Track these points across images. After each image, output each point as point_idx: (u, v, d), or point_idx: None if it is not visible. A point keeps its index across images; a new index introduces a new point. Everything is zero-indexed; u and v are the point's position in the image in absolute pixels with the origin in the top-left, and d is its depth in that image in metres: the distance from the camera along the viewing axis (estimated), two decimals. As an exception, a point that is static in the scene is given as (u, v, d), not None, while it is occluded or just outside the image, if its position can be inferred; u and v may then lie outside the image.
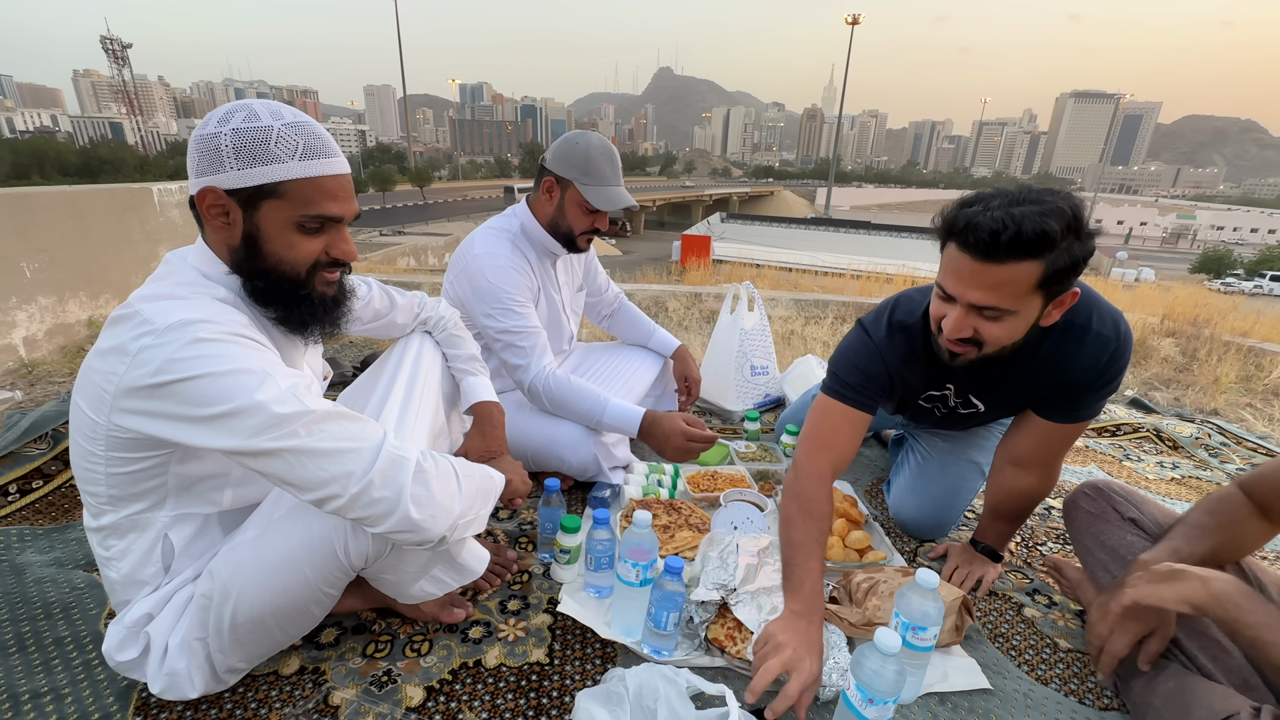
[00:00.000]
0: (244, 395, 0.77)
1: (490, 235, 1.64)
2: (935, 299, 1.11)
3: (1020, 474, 1.31)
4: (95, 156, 44.52)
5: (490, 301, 1.57)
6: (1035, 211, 0.95)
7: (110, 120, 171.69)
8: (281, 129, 0.83)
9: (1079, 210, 0.98)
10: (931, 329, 1.15)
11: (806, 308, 4.88)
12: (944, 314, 1.08)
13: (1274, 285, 28.84)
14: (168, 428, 0.79)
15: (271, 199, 0.84)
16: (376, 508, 0.83)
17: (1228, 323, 4.74)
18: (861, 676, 0.90)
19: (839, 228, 30.78)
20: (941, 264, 1.07)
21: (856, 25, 37.73)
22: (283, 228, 0.86)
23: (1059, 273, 0.98)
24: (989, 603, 1.37)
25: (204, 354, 0.77)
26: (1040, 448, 1.28)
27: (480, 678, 1.09)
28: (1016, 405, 1.32)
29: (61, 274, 2.81)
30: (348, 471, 0.81)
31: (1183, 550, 1.02)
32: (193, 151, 0.84)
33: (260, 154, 0.82)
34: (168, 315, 0.78)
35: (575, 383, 1.62)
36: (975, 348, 1.08)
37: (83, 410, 0.84)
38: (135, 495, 0.88)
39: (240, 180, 0.82)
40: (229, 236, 0.86)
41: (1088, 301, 1.14)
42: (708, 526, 1.50)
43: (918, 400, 1.38)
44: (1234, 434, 2.47)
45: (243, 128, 0.82)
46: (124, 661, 0.93)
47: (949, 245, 1.03)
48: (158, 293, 0.83)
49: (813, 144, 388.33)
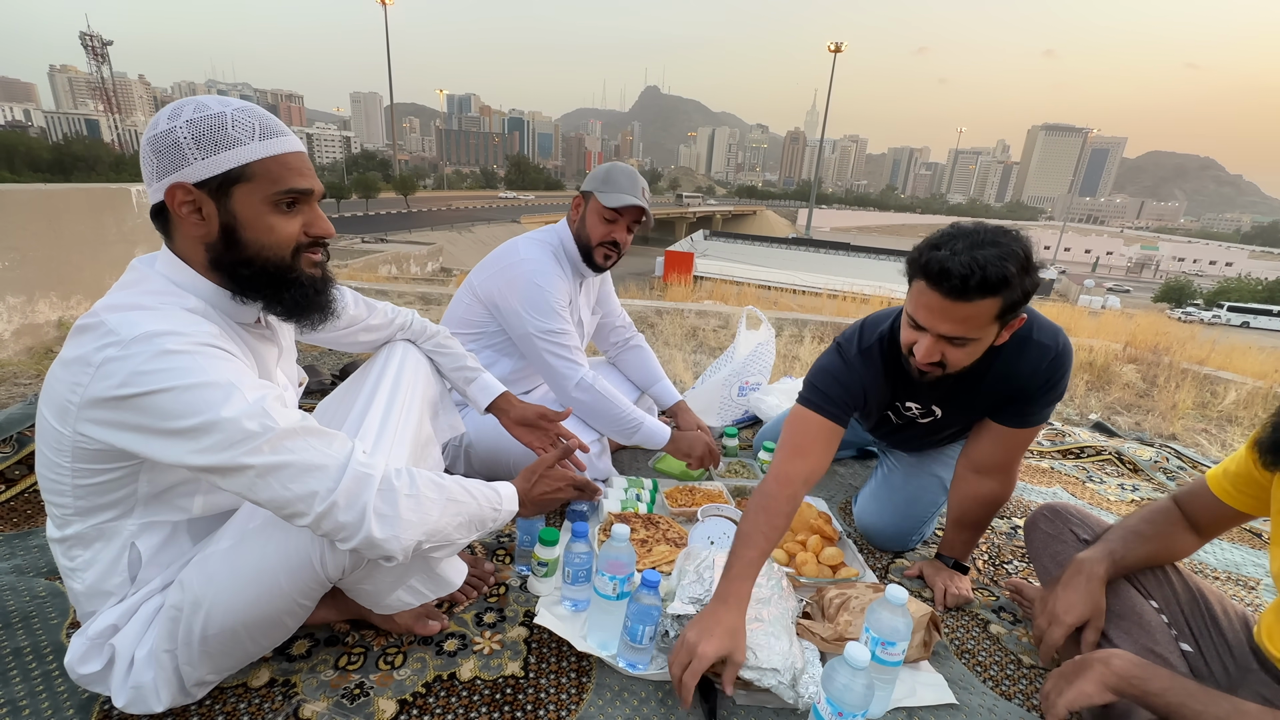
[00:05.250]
0: (210, 410, 0.76)
1: (535, 244, 1.71)
2: (906, 328, 1.22)
3: (981, 480, 1.41)
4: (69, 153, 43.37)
5: (537, 303, 1.63)
6: (995, 255, 1.07)
7: (86, 117, 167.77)
8: (234, 113, 0.82)
9: (1029, 250, 1.11)
10: (902, 350, 1.24)
11: (787, 326, 4.97)
12: (914, 340, 1.19)
13: (1230, 315, 30.08)
14: (133, 440, 0.78)
15: (241, 183, 0.82)
16: (343, 529, 0.83)
17: (1186, 351, 4.94)
18: (832, 690, 0.92)
19: (819, 248, 31.36)
20: (911, 297, 1.18)
21: (839, 53, 38.85)
22: (259, 210, 0.84)
23: (1014, 304, 1.12)
24: (956, 619, 1.41)
25: (170, 366, 0.75)
26: (998, 453, 1.39)
27: (454, 690, 1.08)
28: (971, 411, 1.42)
29: (32, 273, 2.74)
30: (311, 491, 0.80)
31: (1118, 552, 1.11)
32: (148, 154, 0.81)
33: (221, 139, 0.81)
34: (134, 326, 0.76)
35: (616, 393, 1.71)
36: (942, 369, 1.20)
37: (48, 420, 0.82)
38: (103, 505, 0.87)
39: (207, 170, 0.81)
40: (205, 233, 0.84)
41: (1029, 317, 1.26)
42: (685, 541, 1.52)
43: (883, 411, 1.50)
44: (1190, 458, 2.57)
45: (196, 118, 0.80)
46: (87, 674, 0.90)
47: (919, 281, 1.14)
48: (124, 302, 0.81)
49: (795, 166, 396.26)
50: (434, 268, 13.92)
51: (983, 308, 1.10)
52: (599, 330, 2.11)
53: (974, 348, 1.17)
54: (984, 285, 1.07)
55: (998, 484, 1.41)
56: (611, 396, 1.69)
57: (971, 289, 1.07)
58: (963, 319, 1.11)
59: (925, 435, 1.57)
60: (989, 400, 1.36)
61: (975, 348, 1.17)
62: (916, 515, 1.64)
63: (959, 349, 1.16)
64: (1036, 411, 1.33)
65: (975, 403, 1.38)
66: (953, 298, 1.09)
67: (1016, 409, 1.34)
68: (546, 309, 1.63)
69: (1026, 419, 1.34)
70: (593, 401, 1.67)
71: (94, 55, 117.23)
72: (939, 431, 1.54)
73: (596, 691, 1.10)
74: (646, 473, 1.97)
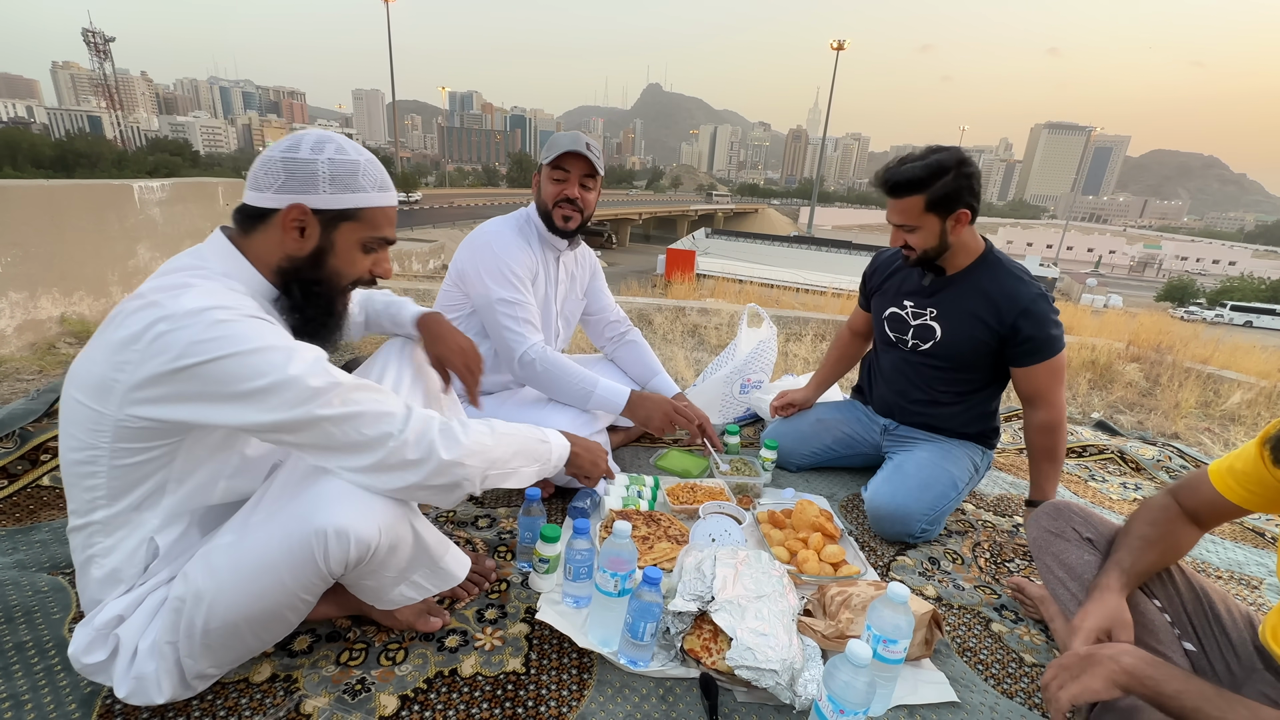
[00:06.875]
0: (276, 371, 0.82)
1: (501, 219, 1.78)
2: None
3: (1033, 411, 1.69)
4: (71, 149, 43.39)
5: (492, 271, 1.66)
6: (920, 165, 1.53)
7: (89, 114, 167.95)
8: (365, 164, 0.95)
9: (953, 159, 1.53)
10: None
11: (788, 324, 4.96)
12: (893, 235, 1.69)
13: (1233, 315, 29.98)
14: (194, 410, 0.82)
15: (350, 221, 0.95)
16: (412, 463, 0.91)
17: (1189, 350, 4.93)
18: (833, 688, 0.92)
19: (821, 246, 31.26)
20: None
21: (842, 51, 38.73)
22: (351, 245, 0.97)
23: (940, 200, 1.55)
24: (958, 617, 1.41)
25: (227, 334, 0.80)
26: (1030, 385, 1.68)
27: (456, 686, 1.08)
28: (966, 330, 1.70)
29: (35, 269, 2.75)
30: (385, 432, 0.89)
31: (1126, 564, 1.09)
32: (279, 170, 0.91)
33: (351, 183, 0.93)
34: (182, 302, 0.81)
35: (567, 359, 1.71)
36: (912, 252, 1.66)
37: (81, 403, 0.84)
38: (134, 486, 0.89)
39: (330, 203, 0.93)
40: (297, 248, 0.94)
41: (998, 253, 1.70)
42: (686, 538, 1.52)
43: (888, 307, 1.86)
44: (1193, 457, 2.56)
45: (337, 159, 0.92)
46: (90, 664, 0.91)
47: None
48: (169, 283, 0.86)
49: (797, 164, 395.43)
50: (435, 265, 13.90)
51: (912, 202, 1.56)
52: (593, 326, 2.11)
53: (923, 234, 1.61)
54: (904, 185, 1.55)
55: (1045, 411, 1.65)
56: (561, 365, 1.69)
57: (898, 187, 1.56)
58: (902, 210, 1.59)
59: (925, 363, 1.81)
60: (970, 314, 1.68)
61: (924, 234, 1.61)
62: (929, 500, 1.66)
63: (911, 235, 1.62)
64: (1037, 343, 1.62)
65: (965, 318, 1.70)
66: (891, 196, 1.59)
67: (1018, 349, 1.65)
68: (501, 277, 1.65)
69: (1035, 354, 1.63)
70: (543, 371, 1.68)
71: (96, 52, 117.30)
72: (937, 359, 1.78)
73: (597, 688, 1.10)
74: (648, 470, 1.97)
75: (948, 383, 1.81)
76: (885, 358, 1.95)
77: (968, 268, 1.69)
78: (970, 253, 1.68)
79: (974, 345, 1.70)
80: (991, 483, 2.12)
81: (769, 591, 1.20)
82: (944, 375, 1.80)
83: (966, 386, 1.80)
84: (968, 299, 1.68)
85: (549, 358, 1.68)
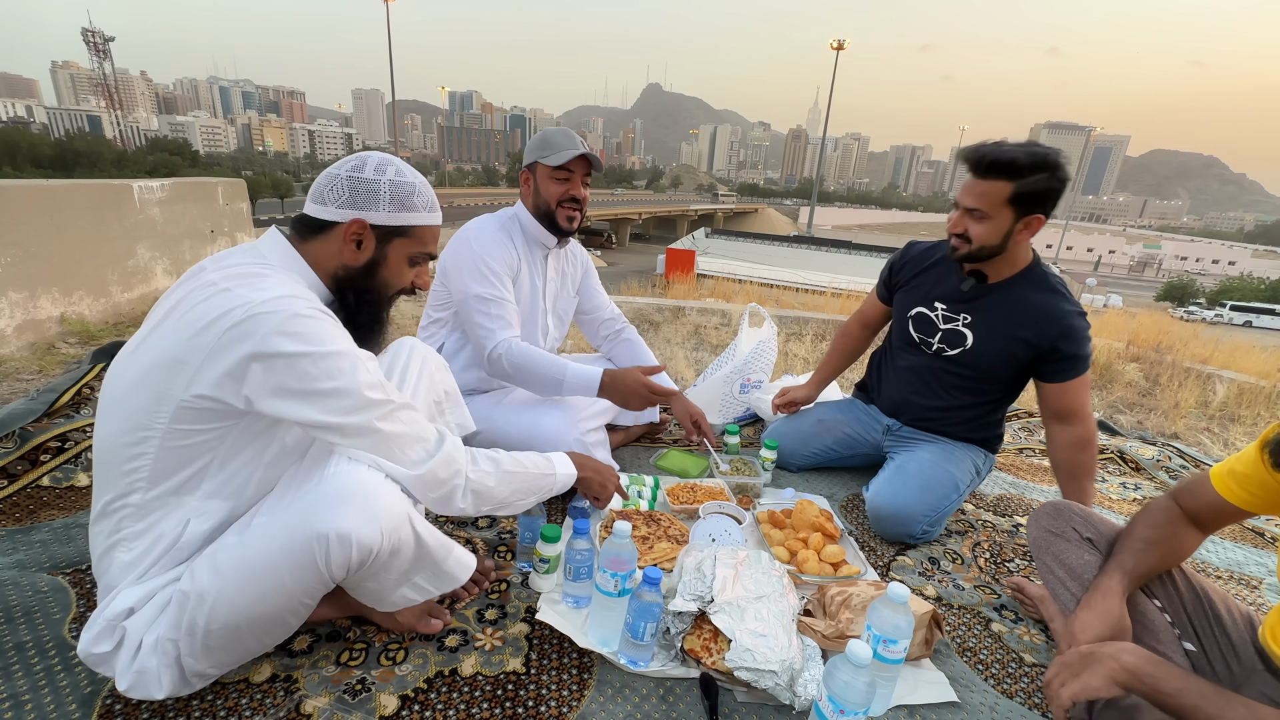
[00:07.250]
0: (344, 377, 0.89)
1: (485, 218, 1.78)
2: (951, 214, 1.60)
3: (1065, 428, 1.62)
4: (71, 149, 43.33)
5: (468, 267, 1.66)
6: (1020, 150, 1.42)
7: (88, 113, 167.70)
8: (420, 186, 1.04)
9: (1055, 159, 1.44)
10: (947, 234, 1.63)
11: (787, 324, 4.96)
12: (952, 219, 1.59)
13: (1233, 315, 29.97)
14: (263, 399, 0.86)
15: (402, 237, 1.03)
16: (438, 482, 1.02)
17: (1189, 349, 4.93)
18: (833, 687, 0.92)
19: (821, 246, 31.26)
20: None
21: (842, 51, 38.72)
22: (400, 259, 1.05)
23: (1027, 195, 1.45)
24: (958, 617, 1.41)
25: (305, 330, 0.86)
26: (1063, 402, 1.61)
27: (456, 686, 1.08)
28: (1001, 343, 1.64)
29: (34, 269, 2.75)
30: (416, 459, 0.99)
31: (1128, 565, 1.09)
32: (343, 186, 0.99)
33: (408, 203, 1.02)
34: (261, 291, 0.86)
35: (536, 350, 1.68)
36: (966, 243, 1.55)
37: (141, 384, 0.87)
38: (180, 468, 0.90)
39: (388, 220, 1.01)
40: (353, 258, 1.01)
41: (1045, 265, 1.63)
42: (686, 538, 1.52)
43: (915, 306, 1.79)
44: (1193, 457, 2.56)
45: (398, 180, 1.01)
46: (97, 654, 0.91)
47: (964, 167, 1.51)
48: (241, 273, 0.91)
49: (797, 164, 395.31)
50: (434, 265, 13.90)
51: (997, 187, 1.45)
52: (588, 324, 2.10)
53: (990, 227, 1.50)
54: (998, 166, 1.44)
55: (1077, 425, 1.60)
56: (529, 356, 1.65)
57: (992, 166, 1.44)
58: (981, 193, 1.48)
59: (947, 369, 1.76)
60: (1008, 328, 1.61)
61: (991, 227, 1.50)
62: (930, 501, 1.65)
63: (978, 223, 1.51)
64: (1069, 359, 1.57)
65: (999, 331, 1.63)
66: (975, 174, 1.48)
67: (1051, 366, 1.59)
68: (478, 273, 1.65)
69: (1065, 372, 1.58)
70: (510, 366, 1.65)
71: (96, 51, 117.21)
72: (963, 367, 1.73)
73: (598, 688, 1.10)
74: (648, 470, 1.97)
75: (967, 391, 1.76)
76: (902, 358, 1.87)
77: (1011, 278, 1.62)
78: (1016, 264, 1.62)
79: (1006, 358, 1.65)
80: (991, 483, 2.12)
81: (769, 592, 1.20)
82: (965, 383, 1.75)
83: (984, 396, 1.76)
84: (1008, 311, 1.61)
85: (515, 351, 1.64)
